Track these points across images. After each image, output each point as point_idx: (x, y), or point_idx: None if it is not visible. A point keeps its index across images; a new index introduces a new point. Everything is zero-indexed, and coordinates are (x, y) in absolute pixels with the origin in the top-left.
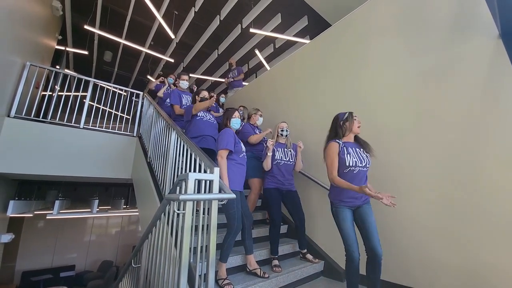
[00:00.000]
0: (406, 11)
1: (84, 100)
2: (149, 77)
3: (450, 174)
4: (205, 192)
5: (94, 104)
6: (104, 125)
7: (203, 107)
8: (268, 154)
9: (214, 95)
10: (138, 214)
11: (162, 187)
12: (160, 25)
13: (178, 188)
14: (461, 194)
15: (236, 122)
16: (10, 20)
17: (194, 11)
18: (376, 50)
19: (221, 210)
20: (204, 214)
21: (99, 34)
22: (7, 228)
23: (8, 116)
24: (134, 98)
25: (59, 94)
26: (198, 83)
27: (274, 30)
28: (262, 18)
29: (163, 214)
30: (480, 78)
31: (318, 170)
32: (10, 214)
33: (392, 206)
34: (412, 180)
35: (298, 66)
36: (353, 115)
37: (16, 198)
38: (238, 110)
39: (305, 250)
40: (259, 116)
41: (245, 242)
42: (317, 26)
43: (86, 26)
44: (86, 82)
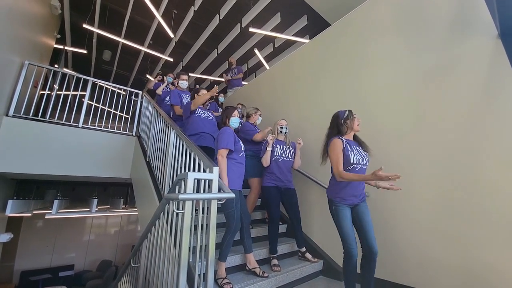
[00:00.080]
0: (406, 11)
1: (83, 99)
2: (148, 76)
3: (450, 174)
4: (204, 191)
5: (93, 103)
6: (103, 124)
7: (203, 100)
8: (268, 149)
9: (215, 86)
10: (137, 213)
11: (161, 187)
12: (159, 24)
13: (177, 187)
14: (461, 194)
15: (235, 121)
16: (9, 18)
17: (194, 10)
18: (375, 50)
19: (220, 209)
20: (203, 213)
21: (98, 33)
22: (6, 227)
23: (6, 115)
24: (133, 97)
25: (58, 93)
26: (198, 83)
27: (273, 30)
28: (261, 17)
29: (162, 213)
30: (479, 78)
31: (317, 169)
32: (8, 213)
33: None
34: (412, 180)
35: (298, 65)
36: (353, 113)
37: (14, 198)
38: (237, 109)
39: (303, 249)
40: (259, 115)
41: (244, 241)
42: (316, 25)
43: (85, 25)
44: (85, 81)
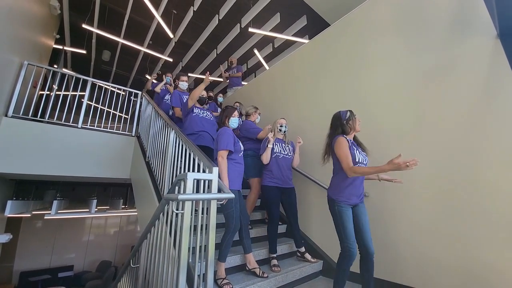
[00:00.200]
0: (406, 11)
1: (82, 99)
2: (147, 76)
3: (450, 174)
4: (204, 191)
5: (93, 103)
6: (102, 124)
7: (199, 92)
8: (268, 146)
9: (207, 72)
10: (136, 214)
11: (160, 187)
12: (158, 24)
13: (177, 187)
14: (461, 194)
15: (235, 122)
16: (8, 18)
17: (193, 10)
18: (375, 50)
19: (219, 210)
20: (203, 214)
21: (97, 33)
22: (5, 228)
23: (5, 115)
24: (132, 98)
25: (57, 93)
26: (197, 83)
27: (273, 30)
28: (261, 17)
29: (162, 214)
30: (479, 78)
31: (316, 169)
32: (8, 214)
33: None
34: (411, 180)
35: (297, 65)
36: (353, 114)
37: (14, 198)
38: (237, 109)
39: (303, 249)
40: (258, 114)
41: (243, 241)
42: (316, 25)
43: (84, 25)
44: (84, 82)
